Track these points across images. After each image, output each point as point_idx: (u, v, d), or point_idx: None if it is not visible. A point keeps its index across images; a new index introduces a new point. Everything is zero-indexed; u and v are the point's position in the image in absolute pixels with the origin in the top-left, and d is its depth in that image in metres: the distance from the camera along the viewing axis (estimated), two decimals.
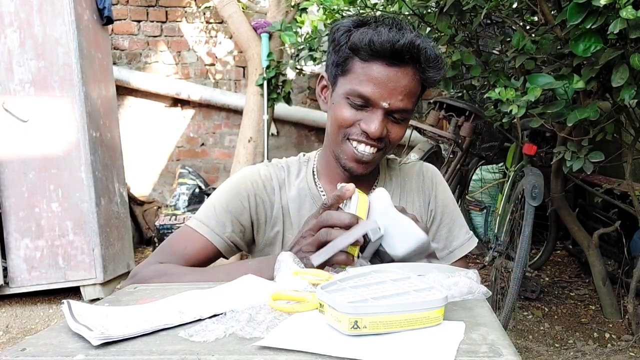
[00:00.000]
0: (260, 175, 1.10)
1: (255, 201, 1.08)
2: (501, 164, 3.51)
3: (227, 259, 1.11)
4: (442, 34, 2.40)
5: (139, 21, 4.61)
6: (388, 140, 1.02)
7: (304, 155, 1.19)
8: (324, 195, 1.10)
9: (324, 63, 1.14)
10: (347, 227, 0.82)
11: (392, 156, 1.22)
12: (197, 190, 4.17)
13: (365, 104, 0.98)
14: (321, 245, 0.83)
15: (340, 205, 0.88)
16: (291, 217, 1.09)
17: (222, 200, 1.08)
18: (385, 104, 0.97)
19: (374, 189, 1.13)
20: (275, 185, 1.10)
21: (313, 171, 1.13)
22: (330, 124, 1.05)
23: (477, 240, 1.19)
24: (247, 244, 1.12)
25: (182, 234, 1.07)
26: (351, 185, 0.87)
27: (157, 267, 1.00)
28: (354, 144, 1.01)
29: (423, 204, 1.15)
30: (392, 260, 0.84)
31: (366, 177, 1.10)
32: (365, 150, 1.01)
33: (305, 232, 0.88)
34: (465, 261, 1.18)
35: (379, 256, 0.86)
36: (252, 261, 1.01)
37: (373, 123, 0.98)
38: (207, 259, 1.06)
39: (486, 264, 3.05)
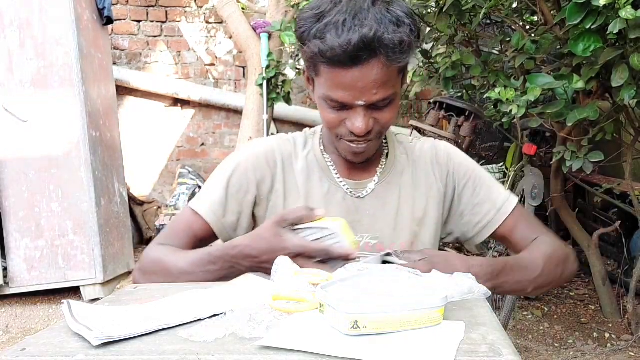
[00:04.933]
0: (263, 149, 1.11)
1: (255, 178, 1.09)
2: (501, 164, 3.51)
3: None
4: (442, 34, 2.40)
5: (139, 21, 4.60)
6: (379, 127, 1.00)
7: (309, 129, 1.18)
8: (331, 166, 1.10)
9: None
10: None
11: (401, 133, 1.19)
12: (197, 190, 4.17)
13: (343, 105, 0.96)
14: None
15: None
16: (299, 187, 1.09)
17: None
18: (360, 103, 0.94)
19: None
20: (278, 158, 1.10)
21: (320, 143, 1.13)
22: (322, 119, 1.04)
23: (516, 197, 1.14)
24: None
25: None
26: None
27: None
28: (347, 142, 1.01)
29: (439, 177, 1.12)
30: None
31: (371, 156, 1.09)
32: (360, 145, 1.01)
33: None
34: (517, 214, 1.11)
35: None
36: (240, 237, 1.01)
37: (357, 122, 0.95)
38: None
39: None
